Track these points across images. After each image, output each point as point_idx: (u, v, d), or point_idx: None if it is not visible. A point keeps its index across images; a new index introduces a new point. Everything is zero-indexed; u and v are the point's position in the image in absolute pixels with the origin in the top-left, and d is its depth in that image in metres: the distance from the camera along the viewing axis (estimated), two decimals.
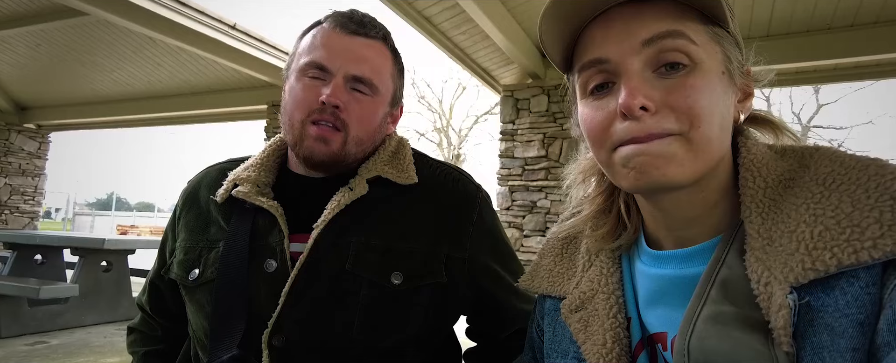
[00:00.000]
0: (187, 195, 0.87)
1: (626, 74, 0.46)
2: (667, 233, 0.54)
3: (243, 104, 5.56)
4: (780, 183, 0.47)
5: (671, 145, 0.45)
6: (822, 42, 3.49)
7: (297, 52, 0.78)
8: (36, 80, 6.25)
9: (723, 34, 0.48)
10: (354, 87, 0.75)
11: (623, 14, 0.47)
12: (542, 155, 4.24)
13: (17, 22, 4.61)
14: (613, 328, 0.53)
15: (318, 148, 0.73)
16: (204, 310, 0.74)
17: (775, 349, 0.39)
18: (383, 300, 0.71)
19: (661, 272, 0.52)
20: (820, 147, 0.50)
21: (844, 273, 0.39)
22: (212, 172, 0.88)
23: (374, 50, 0.77)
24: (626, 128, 0.46)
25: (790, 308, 0.39)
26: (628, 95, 0.45)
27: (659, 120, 0.45)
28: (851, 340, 0.37)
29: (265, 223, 0.75)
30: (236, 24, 3.98)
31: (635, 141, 0.46)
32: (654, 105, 0.45)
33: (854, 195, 0.42)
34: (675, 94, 0.45)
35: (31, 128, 7.30)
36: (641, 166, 0.46)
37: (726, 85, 0.48)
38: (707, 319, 0.44)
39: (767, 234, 0.44)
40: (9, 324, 3.81)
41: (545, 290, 0.63)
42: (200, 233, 0.80)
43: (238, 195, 0.76)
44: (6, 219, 7.06)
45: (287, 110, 0.76)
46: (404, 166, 0.80)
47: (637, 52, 0.46)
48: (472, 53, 4.00)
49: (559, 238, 0.67)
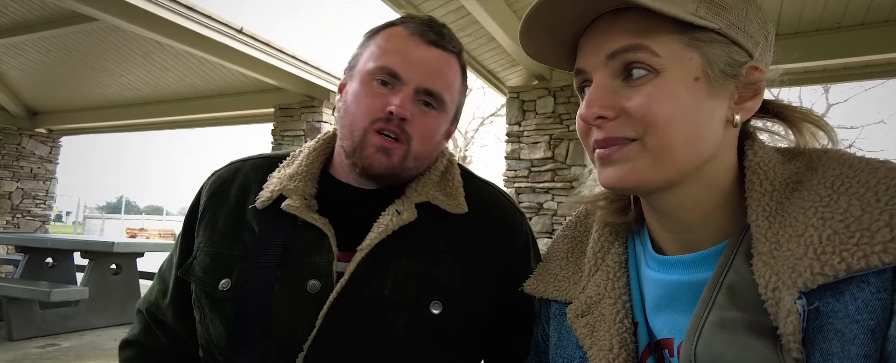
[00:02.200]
0: (214, 190, 0.80)
1: (593, 85, 0.49)
2: (670, 236, 0.53)
3: (250, 107, 5.59)
4: (788, 186, 0.47)
5: (629, 151, 0.48)
6: (832, 41, 3.45)
7: (366, 52, 0.74)
8: (47, 86, 6.33)
9: (709, 37, 0.47)
10: (423, 99, 0.71)
11: (599, 27, 0.50)
12: (548, 156, 4.23)
13: (29, 28, 4.67)
14: (620, 333, 0.52)
15: (378, 159, 0.69)
16: (229, 323, 0.69)
17: (784, 355, 0.39)
18: (420, 329, 0.68)
19: (668, 277, 0.52)
20: (828, 149, 0.49)
21: (855, 278, 0.38)
22: (245, 169, 0.81)
23: (448, 64, 0.74)
24: (595, 132, 0.50)
25: (799, 313, 0.38)
26: (585, 105, 0.49)
27: (617, 126, 0.48)
28: (862, 347, 0.36)
29: (311, 239, 0.70)
30: (243, 28, 4.01)
31: (600, 146, 0.49)
32: (612, 112, 0.48)
33: (863, 198, 0.41)
34: (631, 102, 0.47)
35: (43, 132, 7.39)
36: (607, 170, 0.49)
37: (701, 90, 0.47)
38: (714, 325, 0.43)
39: (775, 238, 0.43)
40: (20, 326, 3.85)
41: (552, 295, 0.63)
42: (232, 238, 0.74)
43: (288, 209, 0.70)
44: (18, 222, 7.15)
45: (349, 114, 0.71)
46: (454, 191, 0.77)
47: (603, 64, 0.49)
48: (477, 55, 4.00)
49: (566, 239, 0.67)
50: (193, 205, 0.82)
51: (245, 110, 5.71)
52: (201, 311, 0.74)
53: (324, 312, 0.65)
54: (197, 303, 0.75)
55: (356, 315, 0.67)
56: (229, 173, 0.82)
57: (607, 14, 0.49)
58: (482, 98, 18.52)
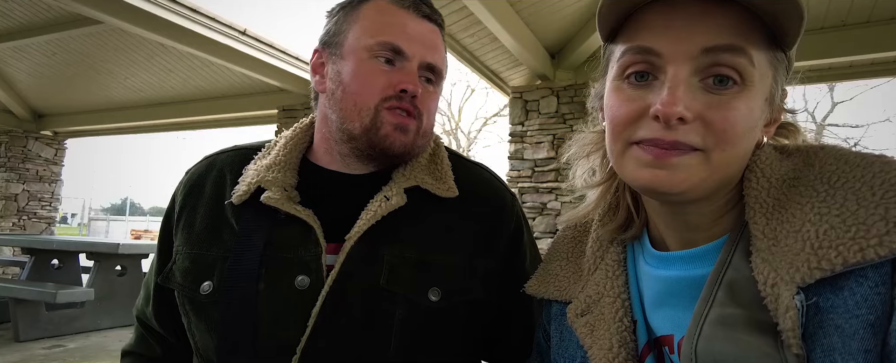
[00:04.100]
0: (189, 188, 0.76)
1: (675, 78, 0.43)
2: (673, 233, 0.53)
3: (254, 109, 5.61)
4: (785, 182, 0.47)
5: (689, 159, 0.44)
6: (837, 39, 3.43)
7: (354, 28, 0.69)
8: (52, 88, 6.36)
9: (781, 59, 0.46)
10: (425, 75, 0.70)
11: (689, 10, 0.43)
12: (551, 156, 4.22)
13: (34, 31, 4.70)
14: (619, 332, 0.52)
15: (398, 137, 0.66)
16: (216, 328, 0.65)
17: (785, 351, 0.39)
18: (420, 319, 0.65)
19: (667, 274, 0.52)
20: (825, 145, 0.49)
21: (853, 273, 0.38)
22: (218, 163, 0.77)
23: (440, 38, 0.73)
24: (653, 129, 0.44)
25: (798, 309, 0.38)
26: (670, 102, 0.42)
27: (687, 132, 0.43)
28: (863, 342, 0.36)
29: (295, 233, 0.66)
30: (246, 29, 4.02)
31: (657, 145, 0.44)
32: (691, 115, 0.43)
33: (859, 193, 0.41)
34: (714, 111, 0.43)
35: (48, 135, 7.44)
36: (655, 171, 0.44)
37: (765, 111, 0.47)
38: (714, 322, 0.43)
39: (772, 235, 0.43)
40: (27, 328, 3.87)
41: (552, 295, 0.63)
42: (210, 239, 0.70)
43: (268, 202, 0.66)
44: (24, 224, 7.19)
45: (350, 94, 0.67)
46: (443, 174, 0.73)
47: (693, 57, 0.43)
48: (480, 56, 3.99)
49: (566, 239, 0.67)
50: (170, 208, 0.78)
51: (248, 112, 5.73)
52: (187, 318, 0.71)
53: (317, 310, 0.61)
54: (181, 309, 0.72)
55: (351, 309, 0.63)
56: (202, 169, 0.77)
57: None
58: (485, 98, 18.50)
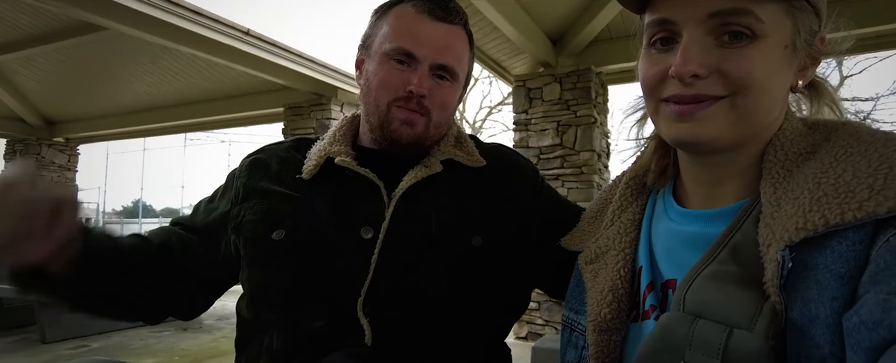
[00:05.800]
0: (253, 163, 0.85)
1: (688, 41, 0.48)
2: (699, 189, 0.57)
3: (260, 108, 5.65)
4: (801, 155, 0.50)
5: (716, 109, 0.48)
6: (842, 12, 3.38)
7: (379, 33, 0.80)
8: (62, 95, 6.45)
9: (802, 6, 0.49)
10: (438, 73, 0.78)
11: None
12: (556, 143, 4.23)
13: (42, 40, 4.76)
14: (613, 280, 0.58)
15: (404, 131, 0.77)
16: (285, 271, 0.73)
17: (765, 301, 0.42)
18: (467, 261, 0.74)
19: (687, 229, 0.56)
20: (848, 122, 0.52)
21: (836, 233, 0.41)
22: (278, 149, 0.87)
23: (457, 36, 0.80)
24: (675, 87, 0.50)
25: (778, 262, 0.42)
26: (682, 62, 0.48)
27: (707, 84, 0.48)
28: (832, 290, 0.40)
29: (361, 190, 0.76)
30: (250, 30, 4.04)
31: (680, 101, 0.49)
32: (706, 71, 0.48)
33: (858, 165, 0.44)
34: (729, 63, 0.47)
35: (61, 141, 7.55)
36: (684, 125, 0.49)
37: (788, 57, 0.50)
38: (706, 277, 0.47)
39: (776, 202, 0.47)
40: (52, 329, 3.98)
41: (577, 247, 0.70)
42: (281, 199, 0.79)
43: (342, 164, 0.76)
44: None
45: (371, 90, 0.79)
46: (470, 150, 0.85)
47: (702, 21, 0.48)
48: (482, 45, 3.99)
49: (599, 200, 0.73)
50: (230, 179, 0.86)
51: (255, 111, 5.77)
52: (249, 264, 0.77)
53: (375, 256, 0.70)
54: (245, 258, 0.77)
55: (405, 255, 0.72)
56: (263, 154, 0.87)
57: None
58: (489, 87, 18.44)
